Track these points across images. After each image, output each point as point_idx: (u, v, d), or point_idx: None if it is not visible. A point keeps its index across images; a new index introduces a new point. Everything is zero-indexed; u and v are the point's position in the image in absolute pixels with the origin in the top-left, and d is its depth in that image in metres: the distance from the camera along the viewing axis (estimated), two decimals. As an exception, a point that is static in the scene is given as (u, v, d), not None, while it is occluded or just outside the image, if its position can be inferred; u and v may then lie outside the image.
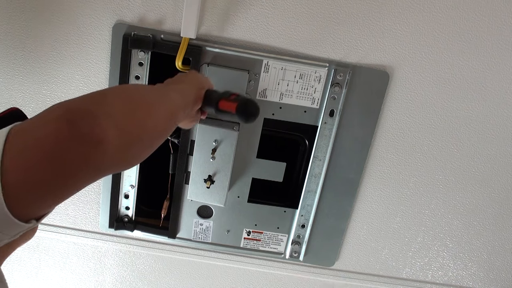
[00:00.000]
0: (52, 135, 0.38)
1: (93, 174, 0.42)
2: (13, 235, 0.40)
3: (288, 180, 0.94)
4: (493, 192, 0.97)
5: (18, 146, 0.38)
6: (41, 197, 0.39)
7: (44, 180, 0.38)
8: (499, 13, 0.80)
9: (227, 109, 0.60)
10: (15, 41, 0.81)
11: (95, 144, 0.39)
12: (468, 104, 0.87)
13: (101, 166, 0.41)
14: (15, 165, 0.37)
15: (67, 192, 0.41)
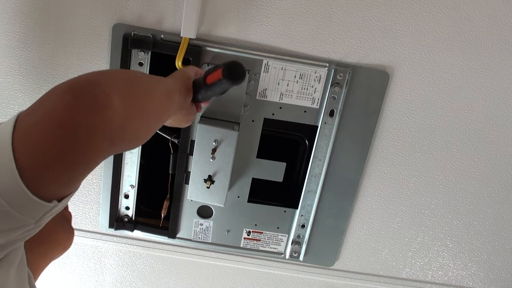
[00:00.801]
0: (59, 108, 0.39)
1: (103, 147, 0.42)
2: (38, 219, 0.41)
3: (288, 180, 0.94)
4: (493, 192, 0.97)
5: (27, 126, 0.39)
6: (57, 172, 0.39)
7: (56, 153, 0.39)
8: (499, 13, 0.80)
9: (215, 79, 0.60)
10: (15, 41, 0.81)
11: (101, 110, 0.40)
12: (468, 104, 0.87)
13: (109, 135, 0.42)
14: (27, 144, 0.38)
15: (80, 166, 0.41)
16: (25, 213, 0.39)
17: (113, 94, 0.42)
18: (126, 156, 0.88)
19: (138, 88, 0.49)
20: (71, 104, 0.39)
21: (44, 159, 0.38)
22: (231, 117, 0.85)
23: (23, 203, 0.38)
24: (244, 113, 0.86)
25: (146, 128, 0.51)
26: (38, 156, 0.38)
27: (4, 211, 0.38)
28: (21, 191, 0.38)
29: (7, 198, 0.38)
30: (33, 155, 0.38)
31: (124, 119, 0.44)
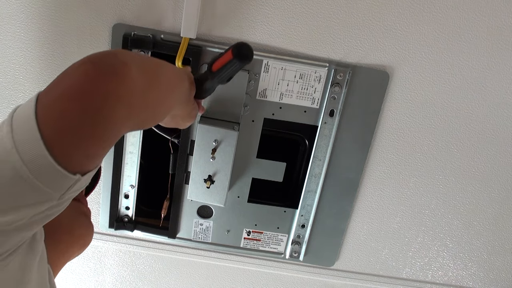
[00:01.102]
0: (79, 78, 0.41)
1: (122, 115, 0.43)
2: (62, 193, 0.41)
3: (288, 180, 0.94)
4: (493, 192, 0.97)
5: (49, 98, 0.40)
6: (80, 141, 0.40)
7: (78, 121, 0.40)
8: (499, 13, 0.80)
9: (224, 62, 0.60)
10: (15, 41, 0.81)
11: (120, 77, 0.42)
12: (468, 104, 0.87)
13: (128, 103, 0.43)
14: (50, 114, 0.39)
15: (102, 135, 0.42)
16: (50, 185, 0.40)
17: (131, 63, 0.44)
18: (126, 156, 0.89)
19: (151, 62, 0.51)
20: (91, 73, 0.41)
21: (68, 128, 0.39)
22: (231, 117, 0.85)
23: (48, 175, 0.39)
24: (244, 113, 0.86)
25: (162, 102, 0.52)
26: (61, 125, 0.39)
27: (29, 183, 0.38)
28: (47, 162, 0.38)
29: (32, 169, 0.38)
30: (56, 124, 0.39)
31: (141, 88, 0.45)
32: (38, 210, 0.41)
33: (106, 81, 0.41)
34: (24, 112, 0.40)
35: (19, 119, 0.40)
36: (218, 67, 0.62)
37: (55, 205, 0.42)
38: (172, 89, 0.55)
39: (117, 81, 0.42)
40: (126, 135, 0.86)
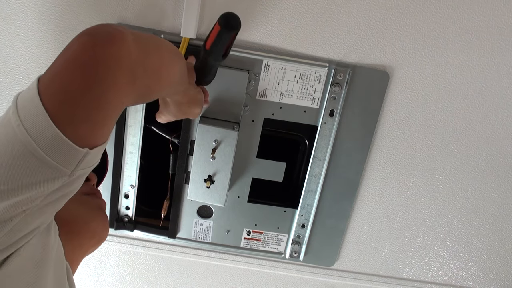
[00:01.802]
0: (77, 49, 0.41)
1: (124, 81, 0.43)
2: (72, 169, 0.41)
3: (288, 180, 0.94)
4: (493, 192, 0.97)
5: (50, 74, 0.40)
6: (84, 110, 0.40)
7: (81, 91, 0.40)
8: (499, 13, 0.80)
9: (214, 37, 0.60)
10: (16, 41, 0.81)
11: (117, 43, 0.42)
12: (468, 104, 0.87)
13: (128, 68, 0.43)
14: (52, 89, 0.39)
15: (105, 104, 0.42)
16: (59, 159, 0.40)
17: (126, 31, 0.44)
18: (126, 156, 0.89)
19: (146, 34, 0.51)
20: (88, 42, 0.41)
21: (70, 99, 0.40)
22: (231, 117, 0.85)
23: (56, 148, 0.39)
24: (244, 113, 0.86)
25: (163, 70, 0.51)
26: (64, 96, 0.39)
27: (39, 158, 0.39)
28: (54, 134, 0.39)
29: (40, 143, 0.38)
30: (59, 97, 0.39)
31: (140, 54, 0.45)
32: (51, 188, 0.41)
33: (105, 47, 0.41)
34: (27, 92, 0.40)
35: (23, 98, 0.40)
36: (210, 43, 0.62)
37: (67, 184, 0.42)
38: (172, 58, 0.54)
39: (116, 47, 0.42)
40: (126, 135, 0.86)
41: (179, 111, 0.69)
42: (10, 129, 0.39)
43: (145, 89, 0.49)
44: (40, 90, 0.39)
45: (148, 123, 0.87)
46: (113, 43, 0.42)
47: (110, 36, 0.42)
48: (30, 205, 0.40)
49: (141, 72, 0.46)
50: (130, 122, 0.86)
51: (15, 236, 0.41)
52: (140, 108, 0.84)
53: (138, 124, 0.86)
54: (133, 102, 0.48)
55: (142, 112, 0.85)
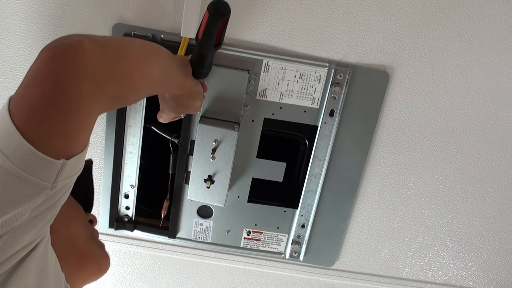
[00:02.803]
0: (38, 65, 0.42)
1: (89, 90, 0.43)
2: (52, 181, 0.41)
3: (288, 180, 0.94)
4: (493, 192, 0.97)
5: (17, 92, 0.41)
6: (52, 122, 0.41)
7: (46, 104, 0.40)
8: (499, 13, 0.80)
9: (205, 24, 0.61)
10: (16, 41, 0.81)
11: (74, 53, 0.42)
12: (468, 104, 0.87)
13: (91, 76, 0.43)
14: (20, 105, 0.40)
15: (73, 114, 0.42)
16: (37, 174, 0.40)
17: (86, 39, 0.44)
18: (126, 156, 0.89)
19: (113, 37, 0.52)
20: (47, 56, 0.42)
21: (38, 114, 0.40)
22: (231, 117, 0.85)
23: (31, 163, 0.40)
24: (244, 113, 0.86)
25: (135, 71, 0.51)
26: (31, 112, 0.40)
27: (17, 176, 0.39)
28: (27, 150, 0.39)
29: (15, 161, 0.39)
30: (27, 112, 0.40)
31: (104, 60, 0.45)
32: (35, 203, 0.41)
33: (63, 59, 0.42)
34: (1, 111, 0.41)
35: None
36: (201, 31, 0.63)
37: (51, 196, 0.42)
38: (145, 57, 0.54)
39: (73, 57, 0.42)
40: (126, 135, 0.86)
41: (179, 106, 0.69)
42: None
43: (119, 93, 0.48)
44: (10, 108, 0.40)
45: (148, 123, 0.87)
46: (71, 54, 0.42)
47: (68, 47, 0.42)
48: (17, 222, 0.40)
49: (109, 77, 0.46)
50: (130, 122, 0.86)
51: (9, 252, 0.41)
52: (140, 108, 0.84)
53: (138, 124, 0.86)
54: (108, 107, 0.47)
55: (142, 112, 0.85)
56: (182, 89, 0.66)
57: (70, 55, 0.42)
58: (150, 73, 0.54)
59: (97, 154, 0.91)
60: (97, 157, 0.91)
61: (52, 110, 0.40)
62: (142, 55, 0.53)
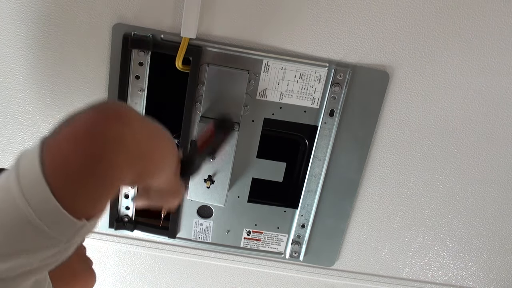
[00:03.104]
0: (84, 122, 0.42)
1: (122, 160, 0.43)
2: (68, 238, 0.42)
3: (288, 180, 0.94)
4: (493, 192, 0.97)
5: (53, 143, 0.41)
6: (85, 186, 0.41)
7: (83, 166, 0.40)
8: (499, 13, 0.80)
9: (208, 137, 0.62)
10: (15, 41, 0.81)
11: (124, 122, 0.43)
12: (468, 104, 0.87)
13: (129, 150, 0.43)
14: (54, 158, 0.40)
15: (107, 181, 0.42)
16: (56, 230, 0.40)
17: (134, 112, 0.46)
18: (126, 156, 0.88)
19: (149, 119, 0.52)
20: (95, 118, 0.42)
21: (72, 174, 0.40)
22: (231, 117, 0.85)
23: (55, 219, 0.39)
24: (244, 113, 0.86)
25: (159, 155, 0.52)
26: (66, 169, 0.40)
27: (36, 227, 0.39)
28: (53, 206, 0.39)
29: (39, 214, 0.39)
30: (61, 169, 0.40)
31: (141, 137, 0.46)
32: (45, 255, 0.41)
33: (110, 124, 0.42)
34: (29, 157, 0.40)
35: (24, 164, 0.40)
36: (202, 142, 0.64)
37: (62, 250, 0.43)
38: (169, 147, 0.55)
39: (121, 125, 0.43)
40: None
41: (160, 199, 0.68)
42: (10, 196, 0.39)
43: (142, 171, 0.49)
44: (43, 157, 0.39)
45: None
46: (120, 121, 0.43)
47: (118, 114, 0.43)
48: (25, 268, 0.41)
49: (141, 154, 0.46)
50: (130, 122, 0.85)
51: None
52: (140, 109, 0.84)
53: (138, 124, 0.86)
54: (129, 182, 0.48)
55: (142, 112, 0.85)
56: (169, 185, 0.64)
57: (119, 123, 0.43)
58: (167, 162, 0.56)
59: (97, 154, 0.91)
60: (97, 157, 0.91)
61: (88, 174, 0.41)
62: (168, 143, 0.54)
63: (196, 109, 0.85)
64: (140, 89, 0.83)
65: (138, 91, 0.83)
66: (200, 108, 0.84)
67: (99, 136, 0.41)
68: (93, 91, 0.85)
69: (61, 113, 0.87)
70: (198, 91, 0.83)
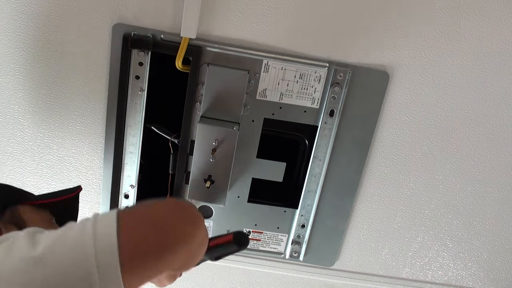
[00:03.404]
0: (165, 213, 0.49)
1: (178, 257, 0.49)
2: None
3: (288, 180, 0.94)
4: (493, 192, 0.97)
5: (133, 222, 0.46)
6: (147, 267, 0.46)
7: (155, 251, 0.46)
8: (499, 13, 0.80)
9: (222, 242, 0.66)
10: (15, 41, 0.81)
11: (196, 228, 0.52)
12: (468, 104, 0.87)
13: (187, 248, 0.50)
14: (131, 237, 0.44)
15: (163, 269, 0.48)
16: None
17: (201, 217, 0.54)
18: (126, 156, 0.89)
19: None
20: (173, 214, 0.49)
21: (143, 255, 0.45)
22: (231, 117, 0.85)
23: (109, 285, 0.43)
24: (244, 113, 0.86)
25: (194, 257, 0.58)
26: (138, 249, 0.45)
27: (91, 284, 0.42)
28: (116, 276, 0.42)
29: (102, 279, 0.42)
30: (135, 248, 0.44)
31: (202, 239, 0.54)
32: None
33: (187, 225, 0.50)
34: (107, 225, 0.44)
35: (102, 228, 0.44)
36: (214, 245, 0.66)
37: None
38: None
39: (195, 229, 0.51)
40: (126, 135, 0.86)
41: (156, 279, 0.73)
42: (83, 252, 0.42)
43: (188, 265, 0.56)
44: (121, 231, 0.43)
45: (148, 123, 0.87)
46: (195, 226, 0.51)
47: (194, 219, 0.51)
48: None
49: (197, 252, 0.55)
50: (130, 122, 0.86)
51: None
52: (140, 109, 0.84)
53: (138, 124, 0.86)
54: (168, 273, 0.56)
55: (142, 112, 0.85)
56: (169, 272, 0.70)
57: (194, 227, 0.51)
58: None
59: (97, 154, 0.91)
60: (97, 157, 0.91)
61: (156, 260, 0.46)
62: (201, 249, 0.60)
63: (196, 109, 0.85)
64: (140, 89, 0.83)
65: (138, 91, 0.83)
66: (200, 108, 0.84)
67: (175, 233, 0.48)
68: (93, 91, 0.85)
69: (61, 113, 0.87)
70: (198, 91, 0.83)
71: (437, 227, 1.00)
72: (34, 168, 0.93)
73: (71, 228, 0.44)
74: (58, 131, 0.89)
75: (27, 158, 0.92)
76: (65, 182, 0.93)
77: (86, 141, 0.90)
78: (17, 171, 0.93)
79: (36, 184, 0.94)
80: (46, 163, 0.92)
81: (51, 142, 0.90)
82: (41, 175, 0.93)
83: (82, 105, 0.86)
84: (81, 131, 0.89)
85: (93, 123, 0.88)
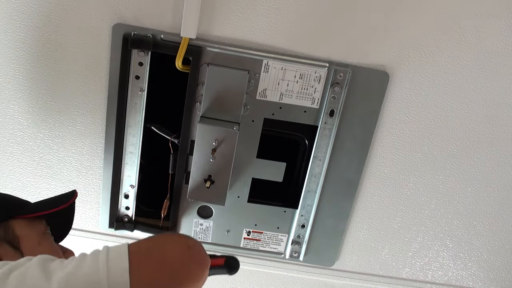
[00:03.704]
0: (173, 256, 0.51)
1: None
2: None
3: (288, 180, 0.94)
4: (493, 192, 0.97)
5: (143, 261, 0.48)
6: None
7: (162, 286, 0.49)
8: (499, 13, 0.79)
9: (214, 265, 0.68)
10: (16, 40, 0.81)
11: (203, 269, 0.54)
12: (468, 104, 0.87)
13: (198, 284, 0.53)
14: (143, 278, 0.46)
15: None
16: None
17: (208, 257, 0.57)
18: (126, 156, 0.88)
19: None
20: (183, 255, 0.52)
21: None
22: (231, 117, 0.85)
23: None
24: (244, 113, 0.86)
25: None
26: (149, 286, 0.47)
27: None
28: None
29: None
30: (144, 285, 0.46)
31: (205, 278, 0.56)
32: None
33: (195, 267, 0.52)
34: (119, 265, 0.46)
35: (115, 270, 0.46)
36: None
37: None
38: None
39: (202, 270, 0.53)
40: (126, 135, 0.86)
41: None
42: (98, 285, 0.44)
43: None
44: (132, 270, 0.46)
45: (148, 123, 0.87)
46: (202, 268, 0.53)
47: (204, 260, 0.54)
48: None
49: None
50: (130, 122, 0.86)
51: None
52: (140, 109, 0.84)
53: (138, 124, 0.86)
54: None
55: (142, 112, 0.85)
56: None
57: (201, 269, 0.53)
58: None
59: (97, 154, 0.91)
60: (97, 157, 0.91)
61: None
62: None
63: (196, 109, 0.85)
64: (140, 89, 0.83)
65: (138, 91, 0.83)
66: (200, 108, 0.84)
67: (185, 275, 0.50)
68: (93, 91, 0.85)
69: (61, 113, 0.87)
70: (198, 91, 0.83)
71: (437, 227, 1.00)
72: (34, 168, 0.93)
73: (84, 263, 0.47)
74: (58, 131, 0.89)
75: (27, 158, 0.92)
76: (65, 182, 0.94)
77: (86, 141, 0.90)
78: (17, 171, 0.93)
79: (36, 184, 0.94)
80: (46, 163, 0.92)
81: (51, 142, 0.90)
82: (41, 175, 0.93)
83: (82, 105, 0.86)
84: (81, 131, 0.89)
85: (93, 123, 0.88)
